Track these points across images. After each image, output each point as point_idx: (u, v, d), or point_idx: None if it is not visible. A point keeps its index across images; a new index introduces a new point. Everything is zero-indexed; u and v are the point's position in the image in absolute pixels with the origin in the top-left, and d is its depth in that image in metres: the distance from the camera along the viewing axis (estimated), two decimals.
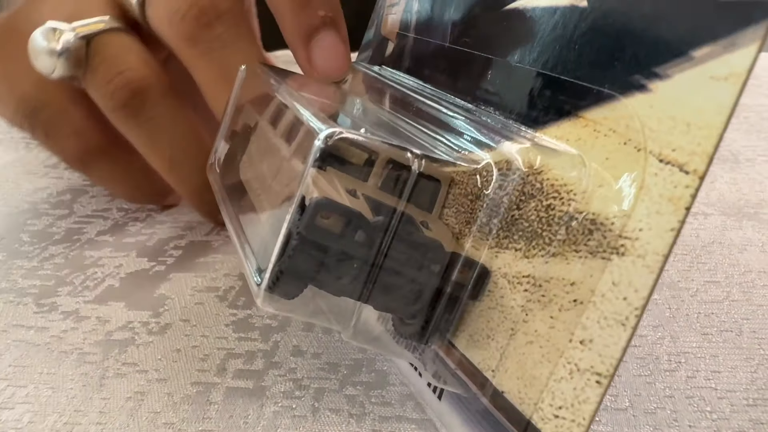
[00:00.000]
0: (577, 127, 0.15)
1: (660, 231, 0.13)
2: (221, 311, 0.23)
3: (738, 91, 0.12)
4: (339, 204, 0.15)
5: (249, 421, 0.18)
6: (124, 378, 0.20)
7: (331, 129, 0.15)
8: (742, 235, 0.28)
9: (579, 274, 0.14)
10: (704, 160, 0.12)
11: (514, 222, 0.15)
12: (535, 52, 0.17)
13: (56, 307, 0.23)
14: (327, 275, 0.15)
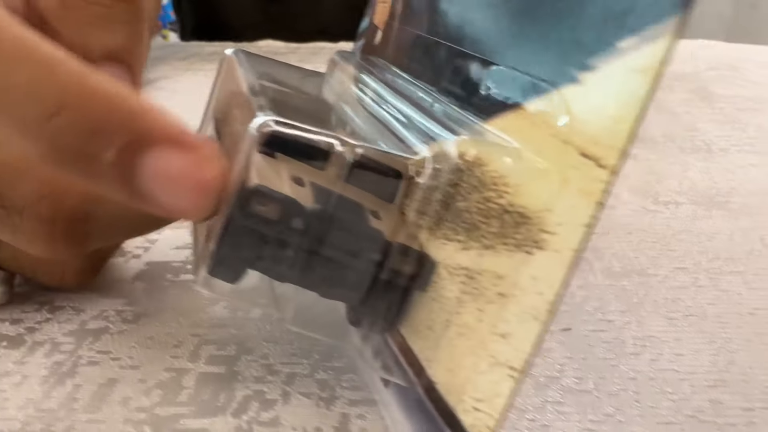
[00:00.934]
0: (518, 119, 0.15)
1: (574, 226, 0.13)
2: (197, 299, 0.23)
3: (652, 84, 0.12)
4: (274, 191, 0.15)
5: (220, 404, 0.19)
6: (97, 365, 0.20)
7: (266, 117, 0.15)
8: (712, 224, 0.29)
9: (506, 267, 0.14)
10: (617, 155, 0.12)
11: (459, 214, 0.15)
12: (492, 42, 0.17)
13: (30, 297, 0.23)
14: (266, 261, 0.16)
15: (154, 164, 0.15)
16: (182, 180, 0.15)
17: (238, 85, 0.20)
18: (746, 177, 0.33)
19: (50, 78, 0.15)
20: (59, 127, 0.15)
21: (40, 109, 0.15)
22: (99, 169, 0.16)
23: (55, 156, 0.16)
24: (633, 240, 0.27)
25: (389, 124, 0.18)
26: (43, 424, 0.18)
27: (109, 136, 0.15)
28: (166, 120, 0.16)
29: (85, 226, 0.19)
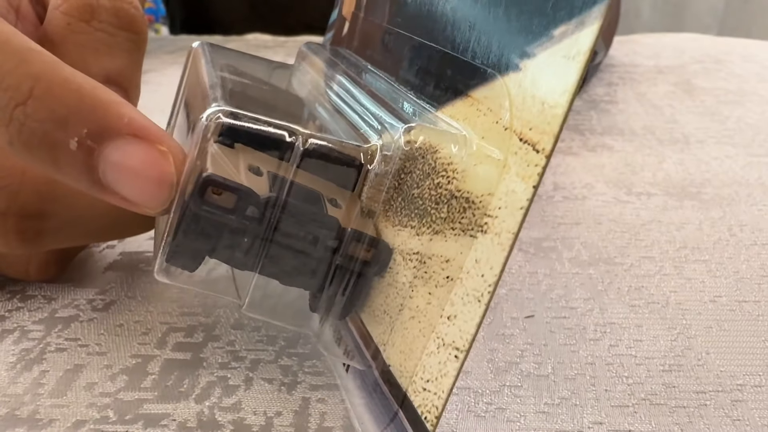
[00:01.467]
0: (465, 105, 0.16)
1: (512, 209, 0.13)
2: (168, 288, 0.24)
3: (581, 70, 0.12)
4: (228, 180, 0.16)
5: (183, 390, 0.19)
6: (64, 352, 0.20)
7: (217, 107, 0.16)
8: (682, 214, 0.29)
9: (453, 251, 0.15)
10: (551, 140, 0.13)
11: (413, 200, 0.16)
12: (447, 32, 0.18)
13: (3, 286, 0.24)
14: (224, 249, 0.16)
15: (115, 155, 0.16)
16: (141, 172, 0.16)
17: (200, 78, 0.20)
18: (720, 168, 0.34)
19: (21, 67, 0.16)
20: (26, 115, 0.16)
21: (9, 96, 0.16)
22: (63, 158, 0.16)
23: (22, 142, 0.16)
24: (602, 230, 0.28)
25: (350, 116, 0.19)
26: (8, 408, 0.18)
27: (74, 125, 0.16)
28: (131, 113, 0.16)
29: (39, 224, 0.20)
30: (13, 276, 0.23)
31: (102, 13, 0.21)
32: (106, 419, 0.18)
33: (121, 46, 0.21)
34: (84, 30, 0.21)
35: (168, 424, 0.18)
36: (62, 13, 0.21)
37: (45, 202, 0.20)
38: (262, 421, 0.18)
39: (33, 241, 0.20)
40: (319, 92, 0.22)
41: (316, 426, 0.17)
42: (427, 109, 0.17)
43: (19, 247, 0.20)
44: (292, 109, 0.23)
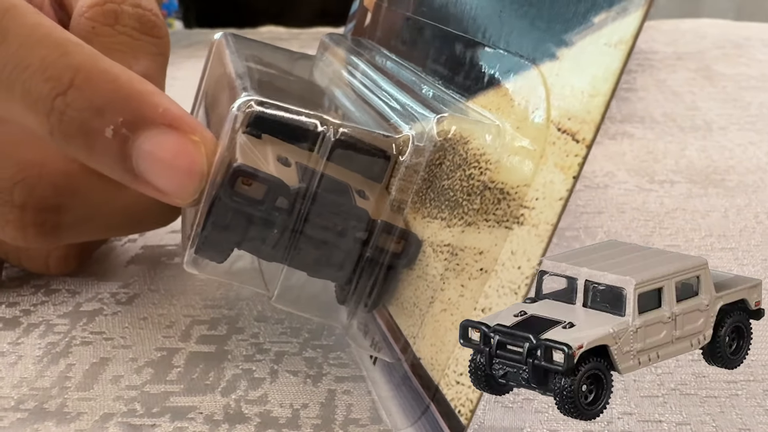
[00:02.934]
0: (497, 96, 0.15)
1: (551, 200, 0.13)
2: (190, 281, 0.24)
3: (624, 57, 0.12)
4: (258, 171, 0.15)
5: (209, 382, 0.19)
6: (90, 345, 0.21)
7: (247, 97, 0.15)
8: (706, 202, 0.29)
9: (487, 243, 0.14)
10: (592, 129, 0.12)
11: (443, 192, 0.16)
12: (476, 21, 0.17)
13: (27, 281, 0.24)
14: (252, 241, 0.16)
15: (148, 144, 0.16)
16: (173, 162, 0.16)
17: (225, 68, 0.20)
18: (744, 155, 0.33)
19: (62, 59, 0.17)
20: (66, 104, 0.16)
21: (50, 86, 0.16)
22: (98, 146, 0.16)
23: (61, 131, 0.17)
24: (626, 219, 0.27)
25: (377, 105, 0.18)
26: (37, 402, 0.18)
27: (111, 114, 0.16)
28: (166, 103, 0.17)
29: (56, 217, 0.20)
30: (34, 270, 0.23)
31: (125, 18, 0.22)
32: (133, 412, 0.18)
33: (144, 49, 0.22)
34: (108, 33, 0.21)
35: (195, 417, 0.18)
36: (87, 19, 0.21)
37: (63, 195, 0.20)
38: (288, 413, 0.18)
39: (51, 235, 0.20)
40: (342, 82, 0.22)
41: (343, 418, 0.17)
42: (457, 99, 0.17)
43: (36, 241, 0.20)
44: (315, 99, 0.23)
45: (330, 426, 0.17)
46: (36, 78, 0.17)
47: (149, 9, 0.22)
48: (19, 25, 0.17)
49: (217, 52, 0.23)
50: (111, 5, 0.22)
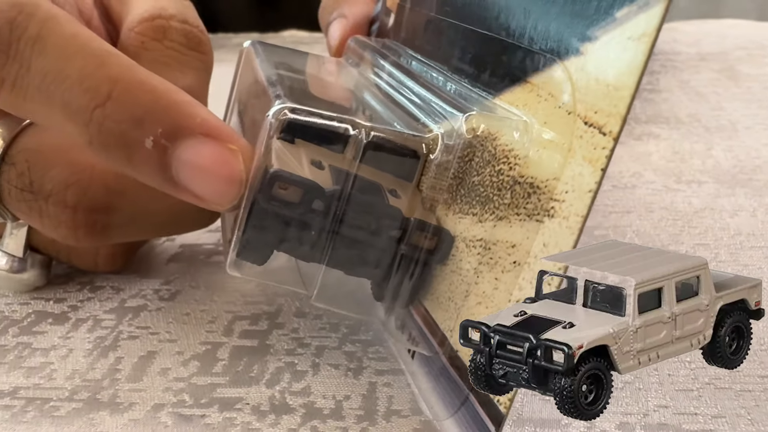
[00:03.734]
0: (524, 92, 0.16)
1: (581, 193, 0.14)
2: (229, 278, 0.24)
3: (648, 51, 0.12)
4: (294, 175, 0.16)
5: (254, 375, 0.19)
6: (137, 339, 0.21)
7: (281, 105, 0.16)
8: (734, 202, 0.29)
9: (519, 236, 0.15)
10: (618, 122, 0.13)
11: (474, 188, 0.16)
12: (499, 19, 0.18)
13: (72, 278, 0.25)
14: (291, 242, 0.17)
15: (187, 153, 0.17)
16: (212, 170, 0.17)
17: (256, 76, 0.21)
18: None
19: (100, 70, 0.17)
20: (105, 116, 0.17)
21: (89, 98, 0.17)
22: (138, 156, 0.17)
23: (100, 142, 0.17)
24: (654, 218, 0.28)
25: (404, 105, 0.19)
26: (90, 393, 0.19)
27: (150, 124, 0.17)
28: (204, 113, 0.17)
29: (106, 217, 0.20)
30: (82, 267, 0.24)
31: (173, 33, 0.22)
32: (182, 402, 0.18)
33: (190, 64, 0.22)
34: (156, 48, 0.22)
35: (242, 408, 0.18)
36: (137, 33, 0.22)
37: (112, 196, 0.20)
38: (332, 404, 0.18)
39: (100, 235, 0.21)
40: (370, 84, 0.23)
41: (385, 409, 0.18)
42: (483, 97, 0.17)
43: (87, 240, 0.21)
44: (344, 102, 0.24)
45: (373, 417, 0.18)
46: (74, 89, 0.17)
47: (196, 25, 0.23)
48: (57, 36, 0.17)
49: (247, 60, 0.23)
50: (160, 21, 0.22)
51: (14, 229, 0.22)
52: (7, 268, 0.22)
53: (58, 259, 0.24)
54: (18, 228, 0.22)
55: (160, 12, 0.23)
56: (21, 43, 0.17)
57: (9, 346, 0.21)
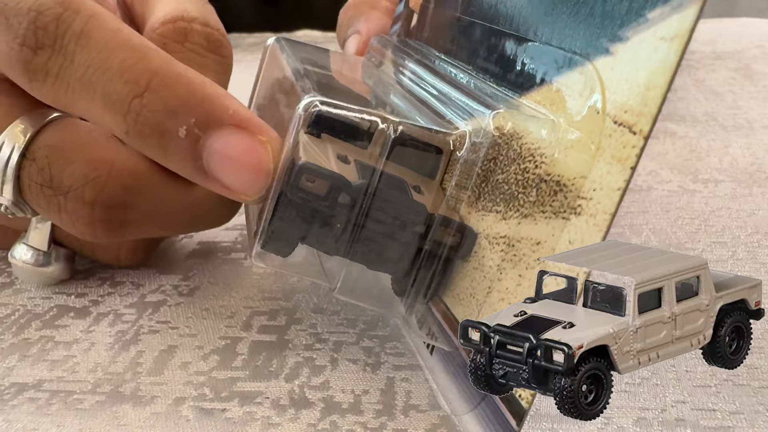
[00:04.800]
0: (551, 91, 0.16)
1: (609, 191, 0.14)
2: (247, 274, 0.25)
3: (681, 51, 0.12)
4: (322, 168, 0.16)
5: (273, 369, 0.20)
6: (157, 334, 0.22)
7: (311, 98, 0.16)
8: (752, 201, 0.29)
9: (544, 233, 0.15)
10: (649, 121, 0.13)
11: (498, 185, 0.16)
12: (525, 19, 0.18)
13: (93, 273, 0.25)
14: (316, 235, 0.17)
15: (218, 143, 0.17)
16: (241, 160, 0.17)
17: (283, 71, 0.21)
18: None
19: (140, 63, 0.18)
20: (143, 105, 0.18)
21: (128, 89, 0.18)
22: (171, 145, 0.18)
23: (137, 131, 0.18)
24: (671, 217, 0.28)
25: (428, 101, 0.19)
26: (112, 386, 0.19)
27: (184, 115, 0.17)
28: (236, 105, 0.18)
29: (123, 214, 0.21)
30: (105, 261, 0.24)
31: (194, 36, 0.23)
32: (203, 396, 0.19)
33: (210, 66, 0.23)
34: (178, 50, 0.22)
35: (262, 402, 0.18)
36: (159, 35, 0.23)
37: (130, 193, 0.21)
38: (350, 399, 0.18)
39: (117, 231, 0.21)
40: (392, 81, 0.23)
41: (403, 404, 0.18)
42: (509, 95, 0.17)
43: (104, 236, 0.21)
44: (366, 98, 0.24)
45: (391, 411, 0.18)
46: (115, 80, 0.18)
47: (217, 28, 0.24)
48: (101, 30, 0.18)
49: (272, 56, 0.24)
50: (182, 23, 0.23)
51: (39, 223, 0.23)
52: (32, 261, 0.23)
53: (82, 254, 0.24)
54: (42, 222, 0.23)
55: (182, 14, 0.23)
56: (66, 37, 0.18)
57: (32, 339, 0.21)
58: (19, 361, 0.20)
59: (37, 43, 0.18)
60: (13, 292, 0.24)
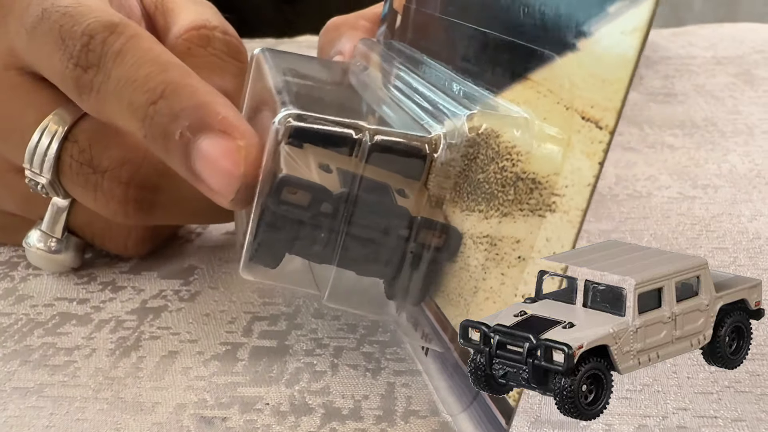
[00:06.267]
0: (525, 89, 0.16)
1: (580, 187, 0.14)
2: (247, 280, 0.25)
3: (640, 45, 0.12)
4: (302, 180, 0.17)
5: (273, 375, 0.20)
6: (158, 340, 0.22)
7: (287, 111, 0.17)
8: (752, 207, 0.29)
9: (523, 231, 0.15)
10: (614, 116, 0.13)
11: (479, 185, 0.16)
12: (500, 17, 0.18)
13: (94, 278, 0.25)
14: (302, 245, 0.17)
15: (203, 146, 0.19)
16: (217, 161, 0.18)
17: (266, 83, 0.21)
18: None
19: (161, 75, 0.20)
20: (155, 111, 0.19)
21: (147, 96, 0.20)
22: (171, 146, 0.19)
23: (150, 134, 0.20)
24: (672, 223, 0.28)
25: (409, 107, 0.19)
26: (113, 391, 0.19)
27: (182, 119, 0.19)
28: (227, 112, 0.19)
29: (153, 196, 0.23)
30: (113, 251, 0.25)
31: (216, 42, 0.25)
32: (204, 402, 0.19)
33: (229, 70, 0.25)
34: (201, 54, 0.25)
35: (262, 408, 0.18)
36: (184, 40, 0.25)
37: (161, 177, 0.23)
38: (350, 404, 0.18)
39: (146, 212, 0.23)
40: (377, 86, 0.23)
41: (403, 409, 0.18)
42: (486, 95, 0.17)
43: (135, 216, 0.23)
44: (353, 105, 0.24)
45: (391, 417, 0.18)
46: (138, 90, 0.20)
47: (235, 36, 0.26)
48: (135, 49, 0.21)
49: (257, 67, 0.24)
50: (205, 30, 0.25)
51: (55, 211, 0.24)
52: (45, 248, 0.24)
53: (92, 243, 0.25)
54: (58, 210, 0.24)
55: (205, 23, 0.26)
56: (107, 56, 0.21)
57: (34, 347, 0.21)
58: (20, 366, 0.20)
59: (87, 64, 0.21)
60: (15, 300, 0.24)
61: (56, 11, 0.22)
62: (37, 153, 0.22)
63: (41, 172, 0.23)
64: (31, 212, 0.24)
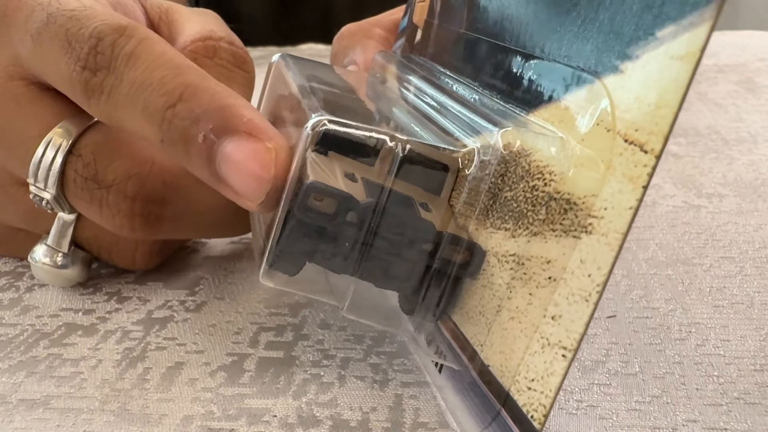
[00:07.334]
0: (560, 108, 0.16)
1: (620, 210, 0.14)
2: (253, 289, 0.25)
3: (692, 70, 0.12)
4: (330, 187, 0.16)
5: (280, 386, 0.20)
6: (164, 350, 0.22)
7: (320, 117, 0.16)
8: (758, 216, 0.29)
9: (554, 252, 0.15)
10: (660, 140, 0.13)
11: (506, 203, 0.16)
12: (533, 36, 0.18)
13: (99, 288, 0.25)
14: (323, 254, 0.17)
15: (228, 148, 0.18)
16: (245, 164, 0.18)
17: (288, 88, 0.21)
18: None
19: (177, 78, 0.20)
20: (174, 114, 0.19)
21: (164, 100, 0.19)
22: (193, 150, 0.19)
23: (168, 138, 0.19)
24: (677, 232, 0.28)
25: (433, 118, 0.19)
26: (119, 402, 0.19)
27: (204, 122, 0.19)
28: (252, 115, 0.19)
29: (160, 210, 0.22)
30: (120, 265, 0.25)
31: (222, 53, 0.26)
32: (211, 414, 0.19)
33: (235, 80, 0.25)
34: (208, 64, 0.25)
35: (270, 420, 0.18)
36: (191, 51, 0.25)
37: (168, 190, 0.22)
38: (358, 416, 0.18)
39: (153, 226, 0.22)
40: (398, 98, 0.23)
41: (411, 421, 0.18)
42: (517, 112, 0.17)
43: (141, 230, 0.22)
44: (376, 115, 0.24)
45: (400, 429, 0.18)
46: (154, 94, 0.19)
47: (241, 47, 0.26)
48: (148, 52, 0.20)
49: (277, 73, 0.24)
50: (211, 41, 0.25)
51: (61, 225, 0.23)
52: (52, 263, 0.24)
53: (99, 257, 0.25)
54: (64, 224, 0.23)
55: (211, 34, 0.26)
56: (119, 59, 0.20)
57: (40, 358, 0.21)
58: (27, 377, 0.20)
59: (96, 66, 0.20)
60: (21, 310, 0.24)
61: (62, 15, 0.21)
62: (41, 167, 0.22)
63: (45, 187, 0.22)
64: (36, 226, 0.24)
